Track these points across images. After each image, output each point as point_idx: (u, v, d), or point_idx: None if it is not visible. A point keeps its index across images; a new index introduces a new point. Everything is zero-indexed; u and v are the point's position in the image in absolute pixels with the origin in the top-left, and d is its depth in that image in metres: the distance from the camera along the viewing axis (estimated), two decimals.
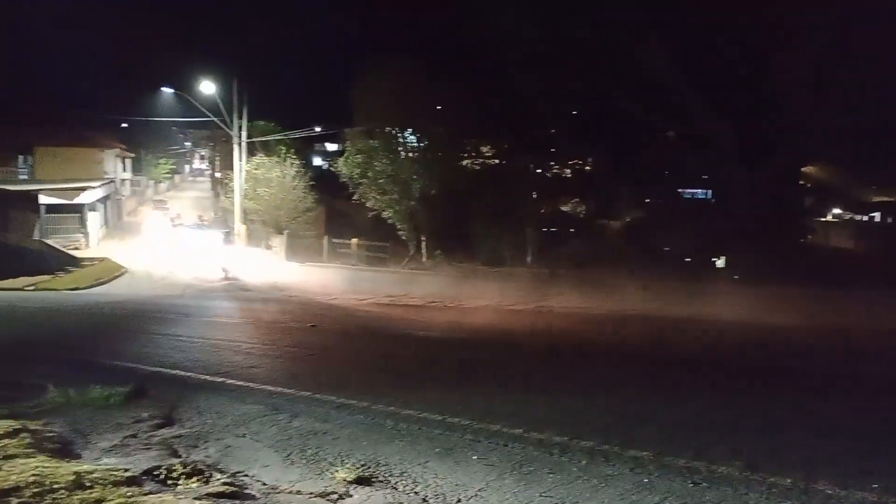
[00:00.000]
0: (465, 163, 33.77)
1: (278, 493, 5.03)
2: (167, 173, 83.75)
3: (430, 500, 4.83)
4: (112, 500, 4.48)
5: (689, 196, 39.41)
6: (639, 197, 33.26)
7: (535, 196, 31.40)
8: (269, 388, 8.16)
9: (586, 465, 5.40)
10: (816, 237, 34.04)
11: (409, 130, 32.36)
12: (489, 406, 7.15)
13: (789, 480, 5.01)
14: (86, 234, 41.03)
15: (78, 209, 41.26)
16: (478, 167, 34.14)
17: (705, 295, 16.93)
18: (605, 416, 6.78)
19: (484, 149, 34.37)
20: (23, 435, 5.95)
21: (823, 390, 8.20)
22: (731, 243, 24.16)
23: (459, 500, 4.83)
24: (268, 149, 38.00)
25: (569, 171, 33.97)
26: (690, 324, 13.25)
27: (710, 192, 38.33)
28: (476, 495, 4.90)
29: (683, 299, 15.96)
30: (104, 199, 47.27)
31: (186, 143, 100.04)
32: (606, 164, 29.74)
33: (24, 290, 24.97)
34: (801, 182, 30.67)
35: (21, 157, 45.87)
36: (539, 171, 31.84)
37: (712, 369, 8.99)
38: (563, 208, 36.57)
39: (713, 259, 25.72)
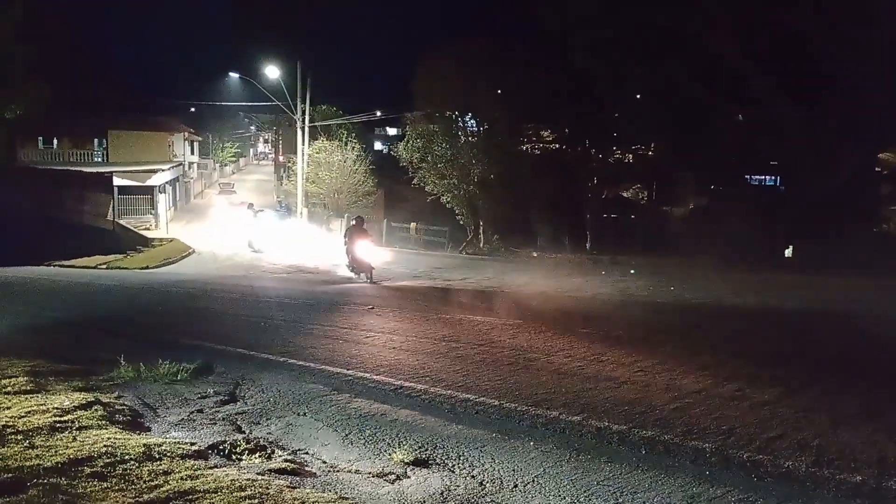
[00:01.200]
0: (524, 147, 33.56)
1: (337, 471, 5.12)
2: (232, 157, 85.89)
3: (487, 484, 4.84)
4: (179, 472, 4.64)
5: (757, 183, 38.20)
6: (703, 183, 32.43)
7: (595, 181, 30.95)
8: (329, 368, 8.30)
9: (645, 456, 5.32)
10: (893, 227, 32.51)
11: (470, 115, 32.31)
12: (547, 393, 7.10)
13: (859, 478, 4.82)
14: (155, 216, 42.47)
15: (148, 191, 42.72)
16: (538, 152, 33.88)
17: (772, 284, 16.43)
18: (664, 406, 6.65)
19: (544, 133, 34.06)
20: (96, 407, 6.22)
21: None
22: (801, 232, 23.34)
23: (516, 486, 4.83)
24: (329, 133, 38.58)
25: (631, 156, 33.36)
26: (752, 312, 12.87)
27: (778, 178, 37.08)
28: (533, 481, 4.89)
29: (748, 288, 15.52)
30: (173, 182, 48.79)
31: (251, 128, 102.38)
32: (670, 149, 29.05)
33: (98, 269, 26.05)
34: (878, 169, 29.35)
35: (96, 141, 47.73)
36: (600, 156, 31.32)
37: (774, 360, 8.71)
38: (625, 194, 35.97)
39: (781, 248, 24.90)
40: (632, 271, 20.14)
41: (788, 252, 24.65)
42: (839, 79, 21.28)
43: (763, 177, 38.32)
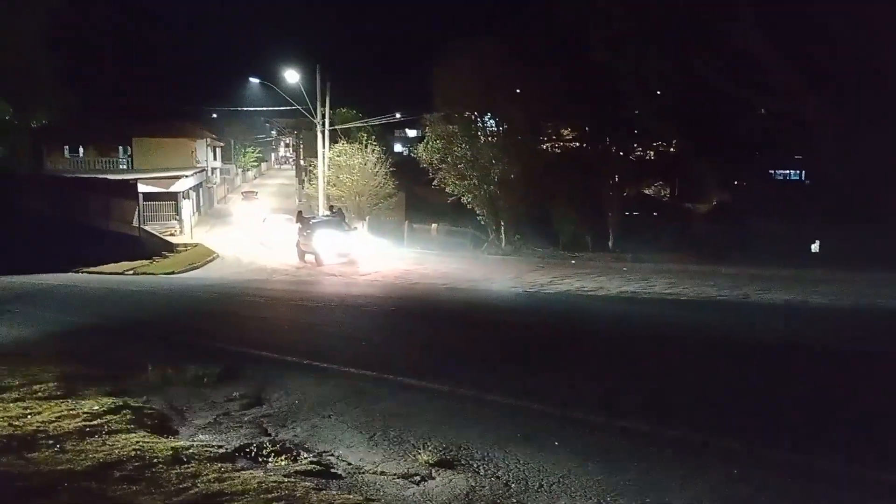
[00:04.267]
0: (545, 146, 33.45)
1: (363, 473, 5.14)
2: (254, 162, 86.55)
3: (513, 485, 4.83)
4: (208, 474, 4.68)
5: (781, 177, 37.75)
6: (727, 178, 32.11)
7: (616, 179, 30.74)
8: (353, 370, 8.33)
9: (673, 455, 5.26)
10: None
11: (489, 115, 32.28)
12: (572, 393, 7.07)
13: None
14: (180, 221, 42.98)
15: (173, 197, 43.26)
16: (558, 150, 33.76)
17: (797, 280, 16.20)
18: (692, 404, 6.58)
19: (564, 132, 33.93)
20: (125, 411, 6.30)
21: None
22: (827, 226, 22.99)
23: (542, 486, 4.80)
24: (350, 136, 38.72)
25: (652, 152, 33.12)
26: (782, 309, 12.69)
27: (803, 172, 36.62)
28: (559, 481, 4.86)
29: (777, 285, 15.30)
30: (196, 187, 49.34)
31: (272, 132, 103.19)
32: (692, 144, 28.76)
33: (124, 274, 26.41)
34: None
35: (121, 148, 48.44)
36: (621, 153, 31.10)
37: (803, 356, 8.58)
38: (647, 191, 35.71)
39: (807, 243, 24.54)
40: (653, 271, 19.98)
41: (815, 247, 24.30)
42: (866, 68, 20.91)
43: (787, 171, 37.86)
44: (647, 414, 6.18)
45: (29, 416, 5.98)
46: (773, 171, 36.63)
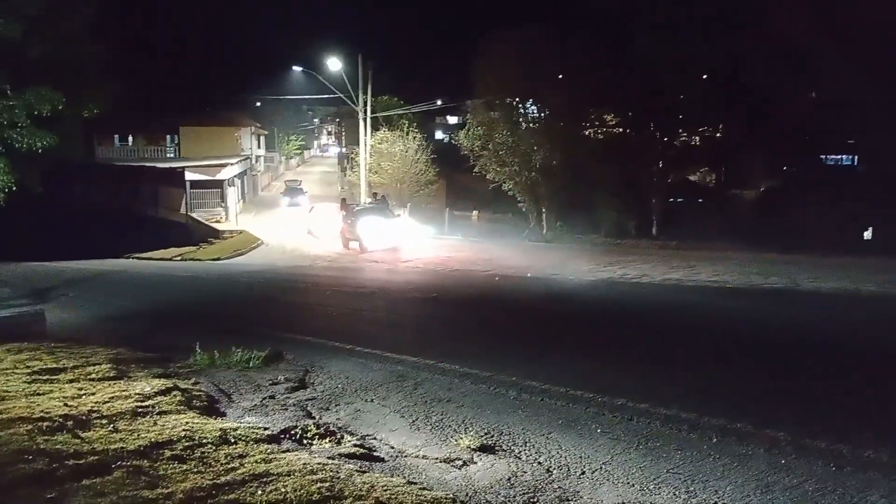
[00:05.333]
0: (587, 132, 33.01)
1: (405, 456, 5.20)
2: (297, 149, 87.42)
3: (554, 471, 4.83)
4: (254, 455, 4.79)
5: (832, 163, 36.66)
6: (775, 164, 31.29)
7: (660, 165, 30.19)
8: (395, 355, 8.41)
9: (717, 444, 5.19)
10: None
11: (530, 101, 31.99)
12: (614, 380, 7.03)
13: None
14: (225, 208, 43.76)
15: (218, 185, 44.04)
16: (601, 137, 33.28)
17: (848, 268, 15.73)
18: (735, 393, 6.48)
19: (607, 118, 33.43)
20: (174, 393, 6.49)
21: None
22: (880, 213, 22.26)
23: (583, 472, 4.80)
24: (391, 123, 38.83)
25: (698, 138, 32.40)
26: (833, 298, 12.35)
27: (855, 157, 35.51)
28: (601, 468, 4.85)
29: (827, 273, 14.90)
30: (241, 175, 50.08)
31: (315, 120, 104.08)
32: (739, 130, 28.08)
33: (173, 261, 27.07)
34: None
35: (168, 137, 49.47)
36: (665, 139, 30.52)
37: (851, 346, 8.36)
38: (692, 178, 35.00)
39: (859, 230, 23.82)
40: (698, 258, 19.63)
41: (867, 234, 23.57)
42: None
43: (839, 156, 36.75)
44: (690, 402, 6.10)
45: (83, 397, 6.20)
46: (823, 157, 35.57)
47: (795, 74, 23.02)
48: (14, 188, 14.74)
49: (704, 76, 26.87)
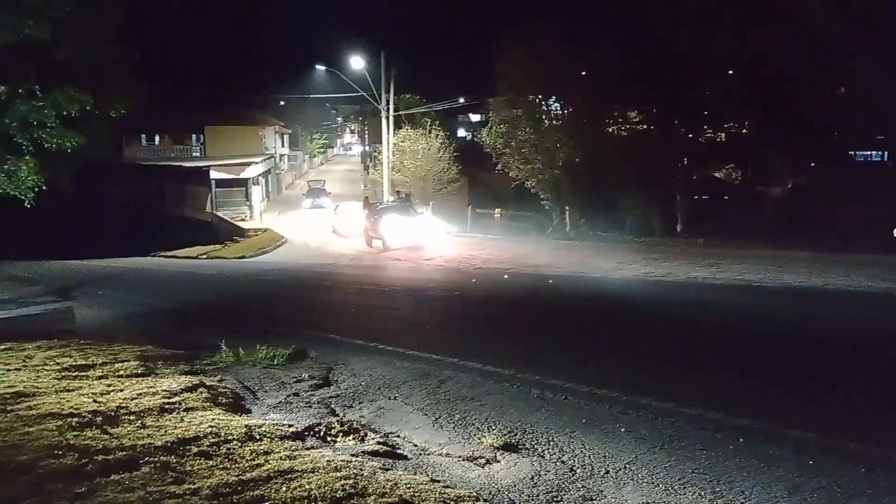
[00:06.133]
0: (610, 129, 32.81)
1: (428, 454, 5.21)
2: (320, 148, 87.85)
3: (578, 470, 4.81)
4: (279, 452, 4.84)
5: (862, 159, 36.03)
6: (802, 161, 30.85)
7: (685, 162, 29.90)
8: (418, 353, 8.42)
9: (743, 444, 5.13)
10: None
11: (553, 98, 31.87)
12: (638, 379, 6.97)
13: None
14: (250, 207, 44.15)
15: (243, 183, 44.44)
16: (624, 133, 33.05)
17: (877, 266, 15.43)
18: (758, 394, 6.40)
19: (631, 114, 33.18)
20: (200, 390, 6.57)
21: None
22: None
23: (608, 472, 4.77)
24: (413, 121, 38.91)
25: (723, 134, 32.05)
26: (862, 297, 12.14)
27: (885, 153, 34.89)
28: (625, 468, 4.82)
29: (856, 271, 14.63)
30: (265, 174, 50.45)
31: (338, 119, 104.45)
32: (765, 125, 27.70)
33: (198, 259, 27.37)
34: None
35: (194, 136, 49.98)
36: (690, 135, 30.22)
37: (882, 347, 8.21)
38: (717, 174, 34.65)
39: (889, 228, 23.36)
40: (724, 257, 19.41)
41: None
42: None
43: (869, 152, 36.12)
44: (715, 402, 6.04)
45: (112, 393, 6.30)
46: (852, 153, 34.99)
47: (824, 69, 22.63)
48: (44, 188, 15.00)
49: (731, 71, 26.54)
